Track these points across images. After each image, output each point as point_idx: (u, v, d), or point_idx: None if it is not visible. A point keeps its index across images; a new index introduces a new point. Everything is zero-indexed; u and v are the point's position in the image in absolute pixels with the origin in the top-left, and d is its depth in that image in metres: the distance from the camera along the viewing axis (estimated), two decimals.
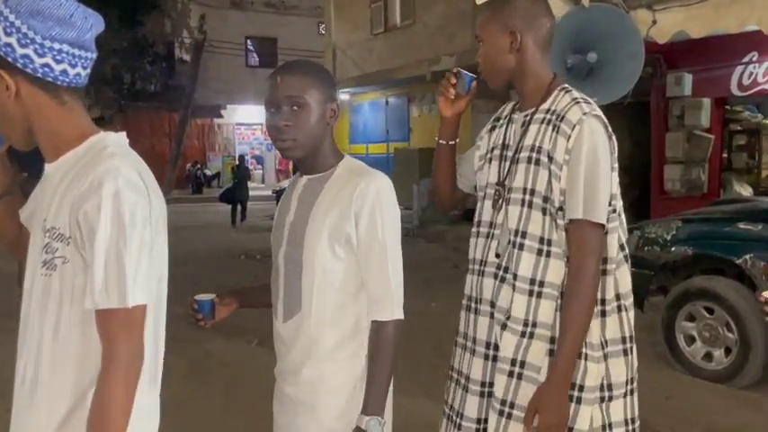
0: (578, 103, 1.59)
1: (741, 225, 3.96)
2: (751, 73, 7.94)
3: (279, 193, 15.17)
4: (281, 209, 1.64)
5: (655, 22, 3.31)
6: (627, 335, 1.65)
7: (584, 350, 1.56)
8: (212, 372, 4.67)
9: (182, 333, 5.99)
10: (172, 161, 21.06)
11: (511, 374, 1.60)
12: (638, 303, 4.66)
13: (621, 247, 1.64)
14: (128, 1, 19.30)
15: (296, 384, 1.57)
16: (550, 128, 1.59)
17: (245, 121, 24.35)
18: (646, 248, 4.50)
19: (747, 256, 3.88)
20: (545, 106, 1.63)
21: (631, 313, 1.68)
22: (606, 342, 1.60)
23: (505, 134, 1.74)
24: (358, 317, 1.53)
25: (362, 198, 1.48)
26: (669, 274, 4.46)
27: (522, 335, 1.59)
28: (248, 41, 23.73)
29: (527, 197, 1.61)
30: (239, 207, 14.19)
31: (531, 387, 1.56)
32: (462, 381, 1.73)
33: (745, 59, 7.94)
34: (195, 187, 22.32)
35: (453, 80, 1.80)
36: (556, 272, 1.58)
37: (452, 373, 1.79)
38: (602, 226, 1.54)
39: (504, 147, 1.72)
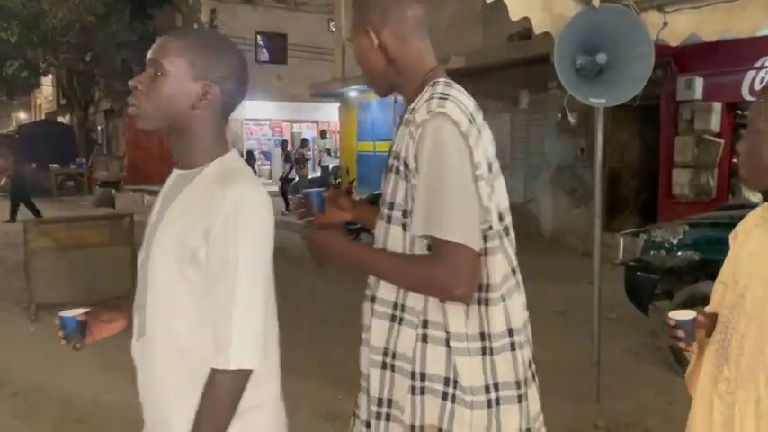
0: (431, 99, 1.38)
1: None
2: (763, 78, 7.87)
3: (284, 182, 15.19)
4: (154, 205, 1.40)
5: (666, 24, 3.28)
6: (521, 378, 1.43)
7: (450, 390, 1.37)
8: None
9: None
10: None
11: (384, 366, 1.44)
12: (644, 307, 4.64)
13: (513, 272, 1.46)
14: None
15: (147, 419, 1.36)
16: (407, 129, 1.40)
17: (253, 117, 24.35)
18: (652, 252, 4.46)
19: None
20: (413, 104, 1.43)
21: (527, 352, 1.46)
22: (497, 385, 1.39)
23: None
24: None
25: (216, 210, 1.20)
26: (675, 279, 4.43)
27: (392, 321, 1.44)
28: (258, 37, 23.72)
29: (386, 211, 1.45)
30: None
31: (401, 380, 1.40)
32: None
33: (757, 64, 7.87)
34: None
35: (302, 206, 1.69)
36: (416, 297, 1.40)
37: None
38: (462, 245, 1.29)
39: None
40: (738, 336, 1.55)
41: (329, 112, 21.04)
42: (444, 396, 1.37)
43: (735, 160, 8.71)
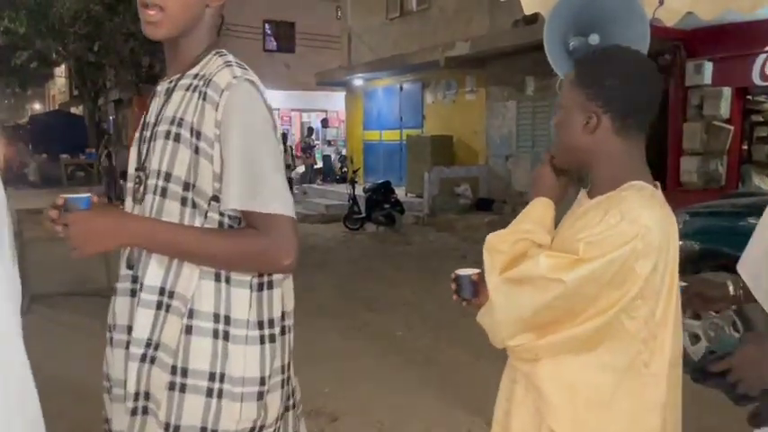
0: (230, 65, 1.31)
1: (751, 220, 3.77)
2: None
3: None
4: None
5: (662, 2, 3.11)
6: (287, 361, 1.39)
7: (216, 386, 1.27)
8: None
9: None
10: None
11: (143, 359, 1.31)
12: None
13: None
14: None
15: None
16: (196, 95, 1.29)
17: None
18: None
19: None
20: (193, 71, 1.35)
21: (292, 335, 1.41)
22: (270, 376, 1.32)
23: (149, 110, 1.41)
24: None
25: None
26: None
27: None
28: (266, 25, 23.59)
29: (161, 183, 1.30)
30: None
31: (161, 372, 1.29)
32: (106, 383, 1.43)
33: None
34: None
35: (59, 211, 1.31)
36: (187, 281, 1.29)
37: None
38: (284, 216, 1.24)
39: (145, 126, 1.39)
40: None
41: (338, 101, 20.91)
42: (209, 393, 1.28)
43: (745, 147, 8.50)
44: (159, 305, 1.31)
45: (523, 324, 1.27)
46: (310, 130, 19.22)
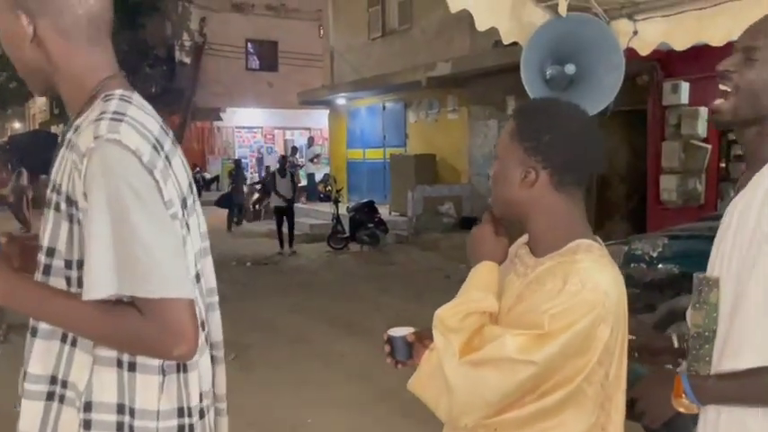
0: (100, 119, 1.11)
1: None
2: None
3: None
4: None
5: (636, 32, 3.17)
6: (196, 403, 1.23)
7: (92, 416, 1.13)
8: None
9: None
10: None
11: None
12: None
13: (202, 326, 1.24)
14: (128, 3, 19.23)
15: None
16: (72, 157, 1.13)
17: (245, 124, 24.26)
18: (632, 265, 4.35)
19: None
20: (78, 121, 1.18)
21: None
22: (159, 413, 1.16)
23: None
24: None
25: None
26: (656, 292, 4.32)
27: None
28: (249, 44, 23.64)
29: (44, 260, 1.17)
30: (236, 211, 14.13)
31: None
32: None
33: None
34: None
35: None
36: (79, 370, 1.14)
37: None
38: (172, 300, 1.08)
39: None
40: None
41: (321, 119, 20.97)
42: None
43: (722, 165, 8.62)
44: (51, 396, 1.16)
45: (489, 407, 1.22)
46: (294, 149, 19.21)
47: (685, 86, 8.11)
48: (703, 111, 8.09)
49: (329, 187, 13.78)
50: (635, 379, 1.37)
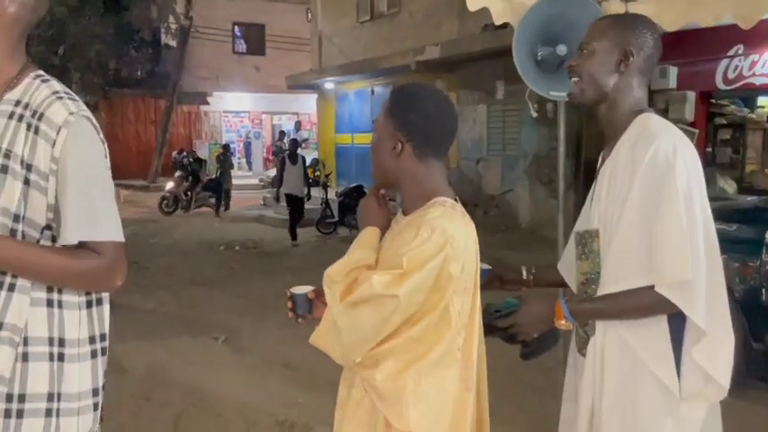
0: (61, 98, 1.35)
1: (718, 225, 3.85)
2: (736, 66, 7.84)
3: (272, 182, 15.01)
4: None
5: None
6: (101, 384, 1.44)
7: (55, 405, 1.35)
8: (175, 369, 4.52)
9: (148, 328, 5.83)
10: (158, 149, 20.83)
11: None
12: None
13: None
14: None
15: None
16: (24, 127, 1.32)
17: (232, 109, 24.09)
18: None
19: (722, 258, 3.77)
20: (12, 96, 1.36)
21: (105, 358, 1.46)
22: (98, 389, 1.42)
23: None
24: None
25: None
26: None
27: None
28: (236, 28, 23.41)
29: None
30: (223, 196, 14.07)
31: None
32: None
33: (731, 53, 7.83)
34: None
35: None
36: (18, 311, 1.31)
37: None
38: (117, 242, 1.35)
39: None
40: None
41: (309, 104, 20.84)
42: (48, 413, 1.34)
43: (709, 149, 8.69)
44: None
45: (370, 340, 1.43)
46: (282, 133, 19.11)
47: (674, 71, 8.14)
48: (691, 95, 8.14)
49: (318, 172, 13.73)
50: (511, 307, 1.72)
